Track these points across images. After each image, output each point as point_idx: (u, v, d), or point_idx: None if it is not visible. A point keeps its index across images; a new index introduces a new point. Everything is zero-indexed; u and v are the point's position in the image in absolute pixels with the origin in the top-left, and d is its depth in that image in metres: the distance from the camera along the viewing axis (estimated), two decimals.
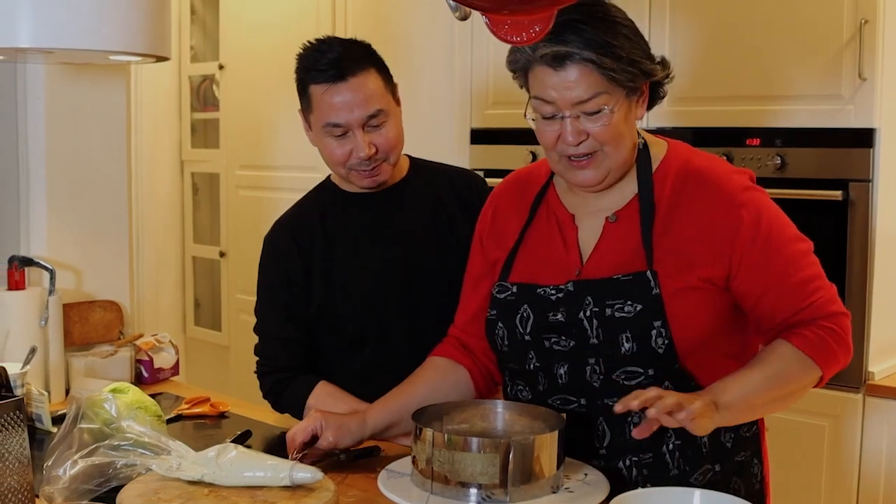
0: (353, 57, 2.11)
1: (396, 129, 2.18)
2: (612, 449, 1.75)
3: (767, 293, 1.73)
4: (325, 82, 2.10)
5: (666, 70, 1.78)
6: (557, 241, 1.84)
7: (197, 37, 5.19)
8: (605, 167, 1.75)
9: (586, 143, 1.71)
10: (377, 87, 2.13)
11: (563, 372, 1.77)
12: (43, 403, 2.20)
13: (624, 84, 1.68)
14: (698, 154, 1.83)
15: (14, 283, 2.48)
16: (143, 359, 2.68)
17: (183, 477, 1.70)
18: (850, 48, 2.83)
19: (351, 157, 2.14)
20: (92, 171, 2.78)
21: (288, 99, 4.31)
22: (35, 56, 2.39)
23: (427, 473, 1.60)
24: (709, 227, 1.72)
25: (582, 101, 1.68)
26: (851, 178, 2.86)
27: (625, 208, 1.80)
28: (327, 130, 2.14)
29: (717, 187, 1.75)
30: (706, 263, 1.71)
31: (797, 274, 1.74)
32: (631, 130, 1.76)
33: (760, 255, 1.72)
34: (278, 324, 2.27)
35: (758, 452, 1.88)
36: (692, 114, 3.18)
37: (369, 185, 2.20)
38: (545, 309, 1.78)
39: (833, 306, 1.75)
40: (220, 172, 4.96)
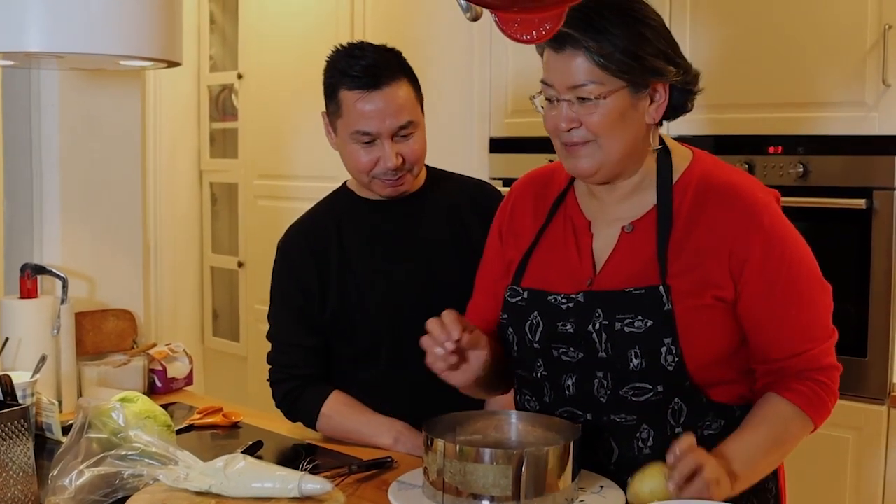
0: (388, 65, 2.10)
1: (423, 141, 2.17)
2: (620, 465, 1.70)
3: (766, 326, 1.69)
4: (358, 89, 2.08)
5: (685, 75, 1.72)
6: (571, 248, 1.80)
7: (216, 46, 5.19)
8: (597, 159, 1.70)
9: (579, 131, 1.68)
10: (409, 97, 2.12)
11: (570, 384, 1.73)
12: (53, 413, 2.18)
13: (621, 76, 1.64)
14: (724, 167, 1.78)
15: (26, 292, 2.46)
16: (157, 368, 2.66)
17: (190, 488, 1.68)
18: (874, 54, 2.79)
19: (377, 166, 2.12)
20: (106, 178, 2.76)
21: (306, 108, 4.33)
22: (47, 62, 2.38)
23: (438, 485, 1.57)
24: (724, 245, 1.67)
25: (577, 86, 1.65)
26: (875, 186, 2.82)
27: (642, 219, 1.75)
28: (355, 137, 2.12)
29: (737, 204, 1.69)
30: (719, 281, 1.67)
31: (801, 314, 1.70)
32: (631, 129, 1.69)
33: (767, 285, 1.67)
34: (292, 330, 2.25)
35: (776, 474, 1.83)
36: (713, 121, 3.14)
37: (391, 195, 2.19)
38: (555, 318, 1.74)
39: (828, 359, 1.72)
40: (239, 182, 4.95)
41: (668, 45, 1.69)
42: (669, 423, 1.69)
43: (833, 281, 2.91)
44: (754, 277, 1.67)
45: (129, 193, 2.82)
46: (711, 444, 1.70)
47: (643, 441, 1.69)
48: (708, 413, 1.70)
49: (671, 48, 1.70)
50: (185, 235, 5.18)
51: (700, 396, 1.69)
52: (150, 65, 2.25)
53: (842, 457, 2.89)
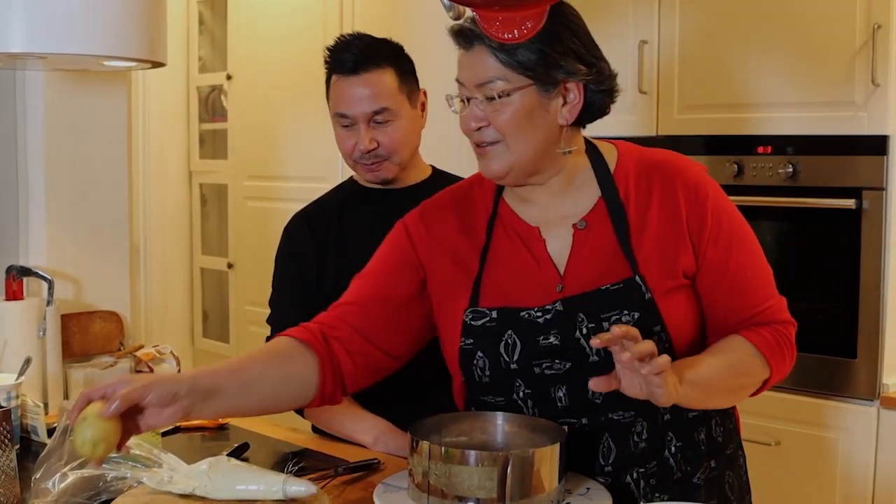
0: (373, 53, 2.20)
1: (403, 131, 2.23)
2: (618, 464, 1.69)
3: (725, 292, 1.71)
4: (340, 73, 2.20)
5: (597, 75, 1.67)
6: (526, 258, 1.74)
7: (205, 47, 5.18)
8: (507, 160, 1.67)
9: (486, 130, 1.66)
10: (389, 86, 2.20)
11: (561, 395, 1.69)
12: (38, 415, 2.17)
13: (526, 73, 1.62)
14: (651, 149, 1.80)
15: (12, 294, 2.45)
16: (144, 370, 2.64)
17: (174, 490, 1.67)
18: (863, 54, 2.79)
19: (355, 150, 2.22)
20: (92, 180, 2.75)
21: (296, 109, 4.32)
22: (32, 63, 2.37)
23: (424, 487, 1.56)
24: (679, 220, 1.69)
25: (483, 84, 1.64)
26: (865, 186, 2.82)
27: (592, 213, 1.73)
28: (337, 120, 2.24)
29: (679, 179, 1.71)
30: (684, 256, 1.69)
31: (755, 276, 1.73)
32: (541, 129, 1.66)
33: (723, 251, 1.70)
34: (290, 314, 2.23)
35: (740, 444, 1.86)
36: (702, 121, 3.14)
37: (372, 180, 2.27)
38: (534, 333, 1.68)
39: (784, 314, 1.75)
40: (228, 183, 4.94)
41: (583, 45, 1.66)
42: (660, 411, 1.68)
43: (823, 281, 2.94)
44: (712, 246, 1.69)
45: (116, 194, 2.81)
46: (696, 425, 1.73)
47: (638, 435, 1.68)
48: None
49: (586, 48, 1.67)
50: (174, 236, 5.17)
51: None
52: (135, 65, 2.25)
53: (832, 457, 2.89)
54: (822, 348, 2.91)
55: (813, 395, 2.93)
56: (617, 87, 1.73)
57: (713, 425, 1.76)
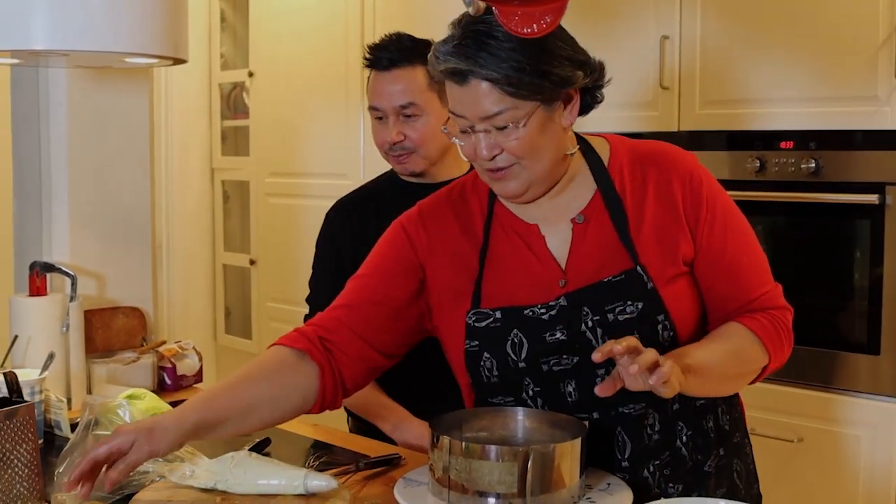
0: (406, 51, 2.29)
1: (430, 126, 2.30)
2: (634, 458, 1.69)
3: (722, 278, 1.72)
4: (375, 69, 2.32)
5: (592, 74, 1.67)
6: (527, 256, 1.74)
7: (227, 44, 5.19)
8: (524, 179, 1.67)
9: (501, 156, 1.64)
10: (419, 83, 2.28)
11: (571, 389, 1.69)
12: (62, 410, 2.18)
13: (534, 98, 1.60)
14: (641, 141, 1.81)
15: (35, 290, 2.46)
16: (166, 366, 2.65)
17: (196, 484, 1.68)
18: (886, 48, 2.77)
19: (384, 142, 2.33)
20: (115, 177, 2.77)
21: (318, 106, 4.34)
22: (54, 60, 2.39)
23: (444, 482, 1.56)
24: (675, 208, 1.70)
25: (489, 116, 1.60)
26: (888, 181, 2.79)
27: (589, 207, 1.73)
28: (371, 113, 2.36)
29: (673, 167, 1.72)
30: (682, 243, 1.69)
31: (751, 263, 1.74)
32: (552, 140, 1.65)
33: (719, 240, 1.71)
34: (324, 296, 2.27)
35: (746, 433, 1.87)
36: (724, 117, 3.13)
37: (401, 172, 2.38)
38: (540, 330, 1.68)
39: (781, 300, 1.76)
40: (250, 180, 4.95)
41: (569, 47, 1.64)
42: (668, 401, 1.67)
43: (846, 277, 2.92)
44: (707, 233, 1.70)
45: (138, 191, 2.82)
46: (704, 413, 1.74)
47: (650, 427, 1.68)
48: None
49: (572, 48, 1.64)
50: (197, 233, 5.19)
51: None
52: (156, 62, 2.25)
53: (855, 454, 2.87)
54: (846, 345, 2.90)
55: (836, 392, 2.91)
56: (605, 74, 1.72)
57: (720, 413, 1.77)
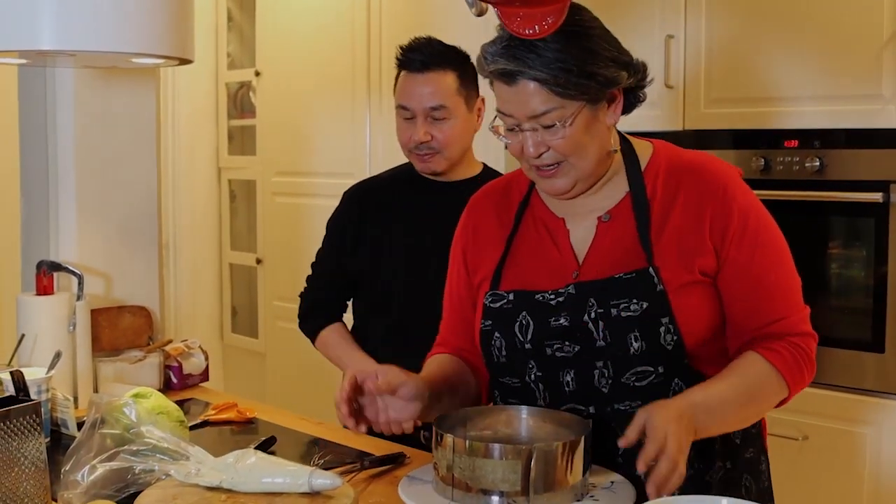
0: (439, 55, 2.41)
1: (457, 130, 2.43)
2: (627, 456, 1.68)
3: (745, 295, 1.71)
4: (407, 70, 2.42)
5: (636, 75, 1.72)
6: (549, 246, 1.80)
7: (234, 44, 5.21)
8: (571, 176, 1.72)
9: (548, 154, 1.68)
10: (449, 86, 2.40)
11: (569, 379, 1.72)
12: (68, 408, 2.20)
13: (580, 97, 1.64)
14: (688, 151, 1.82)
15: (42, 289, 2.48)
16: (173, 364, 2.66)
17: (201, 483, 1.68)
18: (891, 47, 2.77)
19: (411, 141, 2.42)
20: (121, 176, 2.78)
21: (324, 105, 4.34)
22: (62, 60, 2.39)
23: (448, 480, 1.57)
24: (702, 219, 1.70)
25: (537, 115, 1.64)
26: (892, 180, 2.80)
27: (617, 207, 1.76)
28: (399, 111, 2.45)
29: (709, 179, 1.73)
30: (703, 254, 1.69)
31: (778, 282, 1.72)
32: (597, 138, 1.70)
33: (747, 253, 1.70)
34: (326, 262, 2.62)
35: (763, 450, 1.86)
36: (729, 116, 3.13)
37: (423, 170, 2.48)
38: (546, 315, 1.73)
39: (805, 326, 1.73)
40: (257, 179, 4.96)
41: (614, 48, 1.68)
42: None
43: (850, 275, 2.92)
44: (735, 245, 1.70)
45: (145, 190, 2.83)
46: None
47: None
48: None
49: (617, 50, 1.69)
50: (203, 232, 5.20)
51: (697, 376, 1.69)
52: (163, 62, 2.26)
53: (860, 452, 2.87)
54: (851, 343, 2.90)
55: (841, 390, 2.91)
56: (648, 74, 1.76)
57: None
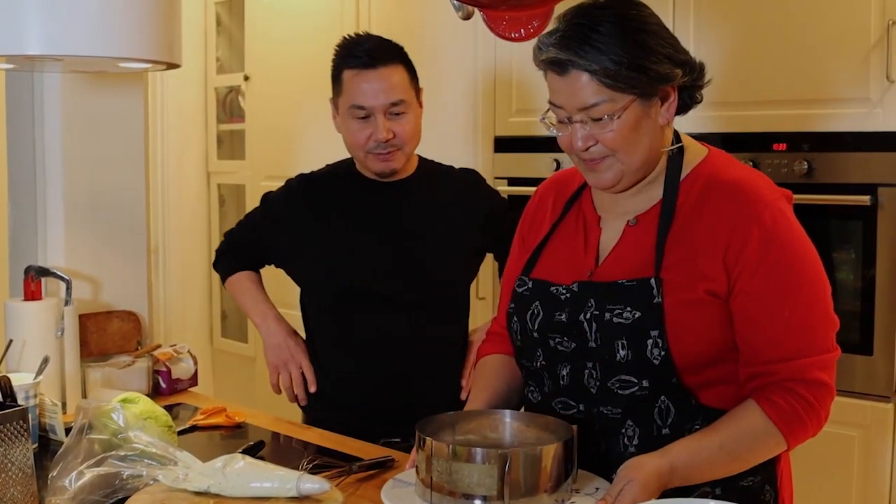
0: (385, 50, 2.32)
1: (415, 124, 2.36)
2: (608, 460, 1.69)
3: (756, 324, 1.63)
4: (357, 67, 2.30)
5: (692, 74, 1.71)
6: (580, 241, 1.81)
7: (223, 48, 5.20)
8: (617, 171, 1.70)
9: (596, 147, 1.68)
10: (403, 80, 2.32)
11: (565, 373, 1.73)
12: (56, 414, 2.19)
13: (631, 91, 1.63)
14: (737, 165, 1.76)
15: (30, 294, 2.46)
16: (161, 369, 2.66)
17: (189, 488, 1.68)
18: (878, 50, 2.78)
19: (370, 141, 2.31)
20: (110, 181, 2.77)
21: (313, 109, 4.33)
22: (49, 65, 2.39)
23: (427, 483, 1.57)
24: (721, 238, 1.64)
25: (586, 107, 1.64)
26: (880, 183, 2.80)
27: (647, 213, 1.75)
28: (352, 112, 2.32)
29: (740, 199, 1.66)
30: (712, 275, 1.64)
31: (794, 318, 1.63)
32: (647, 136, 1.68)
33: (761, 281, 1.62)
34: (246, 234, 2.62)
35: (771, 478, 1.75)
36: (717, 119, 3.13)
37: (383, 170, 2.37)
38: (553, 308, 1.75)
39: (819, 374, 1.63)
40: (246, 184, 4.95)
41: (671, 46, 1.67)
42: (656, 422, 1.67)
43: (839, 278, 2.92)
44: (748, 272, 1.62)
45: (133, 195, 2.83)
46: None
47: (629, 438, 1.68)
48: (697, 416, 1.67)
49: (673, 48, 1.67)
50: (193, 237, 5.19)
51: (689, 398, 1.66)
52: (150, 66, 2.26)
53: (848, 455, 2.87)
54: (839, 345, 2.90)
55: None
56: (705, 75, 1.75)
57: None
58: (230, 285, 2.62)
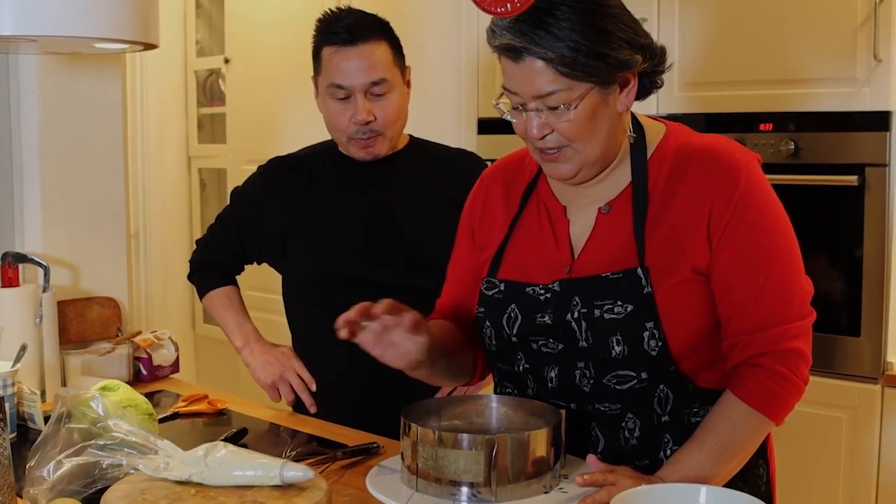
0: (367, 26, 2.21)
1: (398, 105, 2.25)
2: (606, 455, 1.65)
3: (732, 293, 1.60)
4: (336, 44, 2.19)
5: (653, 59, 1.63)
6: (548, 236, 1.73)
7: (202, 31, 5.16)
8: (576, 162, 1.63)
9: (552, 137, 1.60)
10: (385, 57, 2.21)
11: (553, 375, 1.67)
12: (35, 402, 2.16)
13: (588, 79, 1.55)
14: (701, 135, 1.71)
15: (7, 280, 2.43)
16: (142, 356, 2.63)
17: (170, 477, 1.65)
18: (865, 29, 2.76)
19: (350, 124, 2.22)
20: (87, 165, 2.73)
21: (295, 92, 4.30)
22: (24, 46, 2.35)
23: (413, 470, 1.55)
24: (703, 209, 1.60)
25: (542, 96, 1.56)
26: (867, 163, 2.79)
27: (618, 198, 1.68)
28: (331, 92, 2.22)
29: (716, 166, 1.62)
30: (696, 250, 1.60)
31: (769, 284, 1.59)
32: (605, 124, 1.61)
33: (737, 248, 1.59)
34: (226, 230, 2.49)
35: (763, 453, 1.76)
36: (703, 99, 3.11)
37: (365, 157, 2.28)
38: (533, 310, 1.67)
39: (792, 342, 1.59)
40: (227, 168, 4.92)
41: (631, 30, 1.59)
42: (656, 411, 1.64)
43: (825, 259, 2.91)
44: (726, 239, 1.59)
45: (111, 179, 2.79)
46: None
47: (629, 431, 1.65)
48: (695, 400, 1.65)
49: (634, 31, 1.59)
50: (174, 222, 5.15)
51: (686, 383, 1.63)
52: (127, 47, 2.22)
53: (835, 436, 2.87)
54: (826, 327, 2.87)
55: (816, 374, 2.87)
56: (666, 59, 1.67)
57: None
58: (208, 302, 2.52)
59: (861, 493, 2.84)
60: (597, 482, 1.50)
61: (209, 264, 2.52)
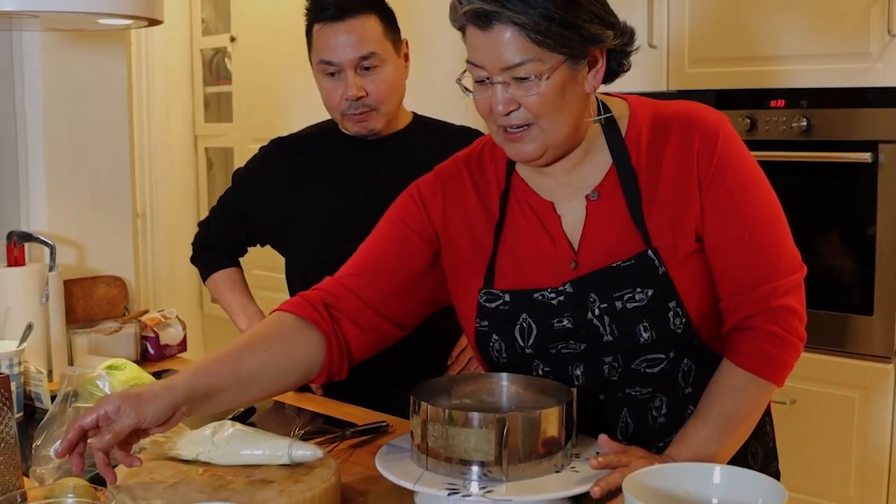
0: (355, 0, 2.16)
1: (391, 79, 2.20)
2: (636, 439, 1.63)
3: (719, 253, 1.58)
4: (324, 20, 2.16)
5: (622, 38, 1.58)
6: (541, 235, 1.66)
7: (208, 9, 5.14)
8: (541, 142, 1.57)
9: (518, 113, 1.54)
10: (375, 31, 2.17)
11: (578, 373, 1.64)
12: (42, 382, 2.15)
13: (560, 50, 1.50)
14: (665, 102, 1.68)
15: (13, 260, 2.42)
16: (149, 335, 2.61)
17: (178, 456, 1.64)
18: (879, 3, 2.73)
19: (342, 101, 2.19)
20: (92, 143, 2.71)
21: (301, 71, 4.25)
22: (27, 23, 2.33)
23: (423, 449, 1.53)
24: (691, 175, 1.57)
25: (510, 67, 1.51)
26: (881, 140, 2.76)
27: (604, 182, 1.63)
28: (321, 68, 2.20)
29: (690, 126, 1.59)
30: (695, 214, 1.57)
31: (754, 242, 1.57)
32: (573, 103, 1.55)
33: (722, 206, 1.57)
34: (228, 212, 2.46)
35: (767, 412, 1.77)
36: (714, 75, 3.09)
37: (359, 132, 2.24)
38: (547, 316, 1.61)
39: (783, 299, 1.57)
40: (234, 147, 4.90)
41: (601, 6, 1.55)
42: (680, 385, 1.63)
43: (838, 237, 2.89)
44: (709, 198, 1.57)
45: (117, 158, 2.77)
46: None
47: (657, 410, 1.63)
48: (715, 366, 1.62)
49: (604, 8, 1.55)
50: (181, 201, 5.14)
51: (707, 352, 1.62)
52: (131, 23, 2.20)
53: (848, 416, 2.85)
54: (838, 305, 2.88)
55: (829, 353, 2.89)
56: (635, 40, 1.62)
57: None
58: (211, 285, 2.51)
59: (873, 472, 2.83)
60: (610, 464, 1.49)
61: (212, 247, 2.51)
